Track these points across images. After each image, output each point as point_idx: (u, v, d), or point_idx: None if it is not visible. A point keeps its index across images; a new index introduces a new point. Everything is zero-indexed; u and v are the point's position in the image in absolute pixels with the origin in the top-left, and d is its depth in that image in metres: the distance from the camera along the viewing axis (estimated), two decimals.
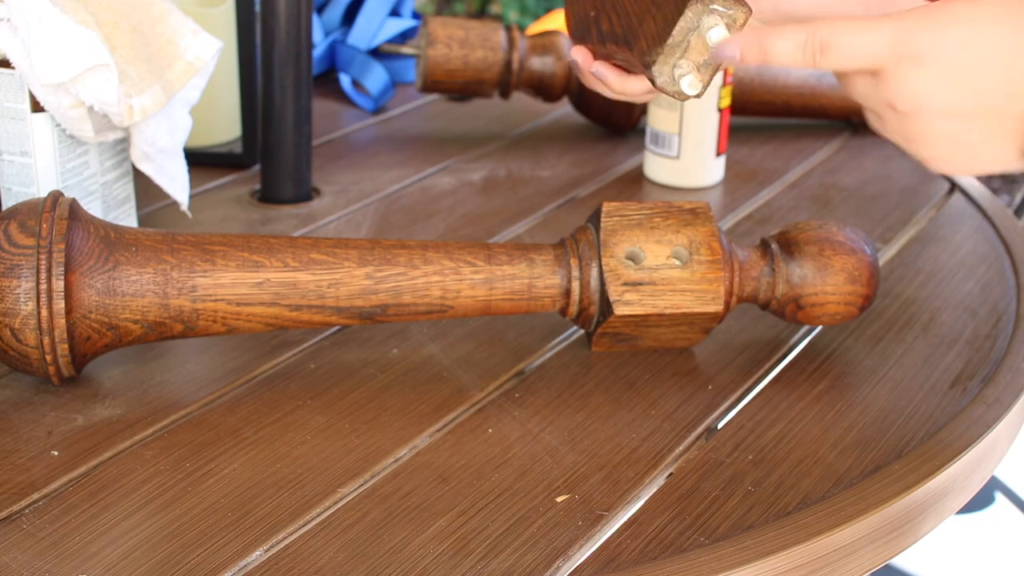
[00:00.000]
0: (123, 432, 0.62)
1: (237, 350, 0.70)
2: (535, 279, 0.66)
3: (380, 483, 0.58)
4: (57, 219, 0.62)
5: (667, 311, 0.66)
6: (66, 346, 0.61)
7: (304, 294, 0.64)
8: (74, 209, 0.63)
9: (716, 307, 0.66)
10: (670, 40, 0.60)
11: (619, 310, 0.66)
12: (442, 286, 0.65)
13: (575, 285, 0.66)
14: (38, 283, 0.60)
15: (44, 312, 0.60)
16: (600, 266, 0.66)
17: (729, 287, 0.67)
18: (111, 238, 0.63)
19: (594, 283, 0.66)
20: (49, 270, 0.60)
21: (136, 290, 0.62)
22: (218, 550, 0.53)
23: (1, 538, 0.53)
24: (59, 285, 0.60)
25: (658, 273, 0.66)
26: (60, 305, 0.60)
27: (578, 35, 0.72)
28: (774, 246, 0.69)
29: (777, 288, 0.69)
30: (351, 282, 0.64)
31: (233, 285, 0.63)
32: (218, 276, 0.63)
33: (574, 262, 0.67)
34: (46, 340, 0.60)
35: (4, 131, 0.74)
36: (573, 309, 0.67)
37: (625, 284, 0.66)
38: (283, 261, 0.64)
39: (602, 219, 0.67)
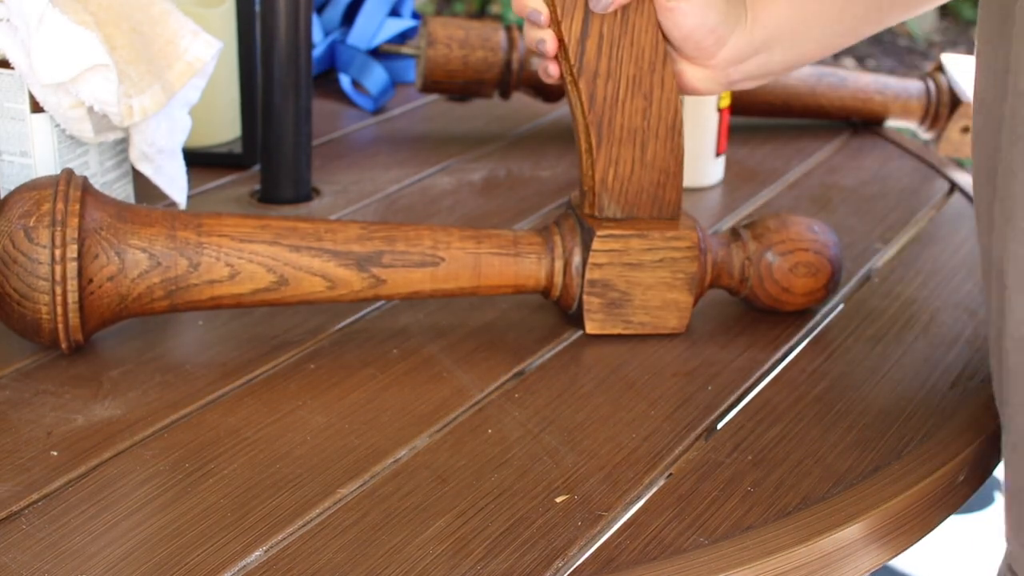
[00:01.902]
0: (123, 432, 0.62)
1: (237, 350, 0.70)
2: (519, 237, 0.71)
3: (379, 483, 0.58)
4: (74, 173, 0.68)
5: (647, 234, 0.70)
6: (75, 247, 0.64)
7: (303, 236, 0.68)
8: (86, 182, 0.68)
9: (691, 238, 0.71)
10: None
11: (600, 231, 0.70)
12: (433, 237, 0.70)
13: (556, 237, 0.71)
14: (56, 189, 0.65)
15: (60, 205, 0.64)
16: (579, 220, 0.72)
17: (703, 236, 0.72)
18: (120, 199, 0.68)
19: (576, 235, 0.71)
20: (68, 182, 0.65)
21: (146, 220, 0.67)
22: (218, 550, 0.53)
23: (1, 538, 0.54)
24: (76, 195, 0.65)
25: (636, 220, 0.72)
26: (76, 206, 0.64)
27: None
28: (740, 229, 0.75)
29: (748, 247, 0.73)
30: (346, 230, 0.70)
31: (237, 224, 0.68)
32: (223, 218, 0.68)
33: (554, 227, 0.72)
34: (57, 234, 0.63)
35: (4, 131, 0.74)
36: (559, 264, 0.71)
37: (607, 220, 0.71)
38: (282, 216, 0.70)
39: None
